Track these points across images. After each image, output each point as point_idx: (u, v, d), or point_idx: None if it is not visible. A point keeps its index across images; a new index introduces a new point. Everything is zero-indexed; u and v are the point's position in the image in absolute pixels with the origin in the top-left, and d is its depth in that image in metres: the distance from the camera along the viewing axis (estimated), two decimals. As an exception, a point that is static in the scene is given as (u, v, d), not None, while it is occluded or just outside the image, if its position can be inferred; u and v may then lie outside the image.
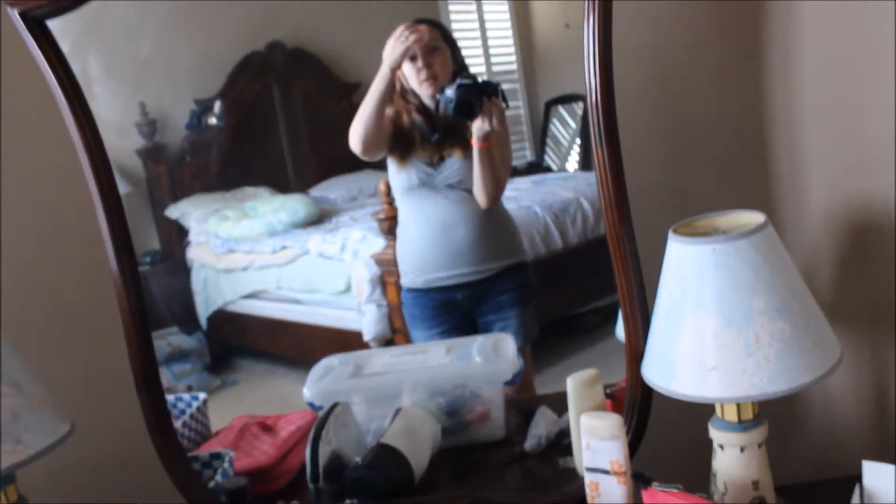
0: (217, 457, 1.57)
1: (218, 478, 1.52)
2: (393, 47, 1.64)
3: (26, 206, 1.69)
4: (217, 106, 2.00)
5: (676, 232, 1.26)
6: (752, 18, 1.53)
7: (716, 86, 1.59)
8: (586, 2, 1.33)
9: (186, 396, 1.74)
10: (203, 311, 2.07)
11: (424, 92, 1.69)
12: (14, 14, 1.33)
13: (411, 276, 1.80)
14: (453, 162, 1.71)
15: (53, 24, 1.40)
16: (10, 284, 1.68)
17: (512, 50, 2.06)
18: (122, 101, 1.83)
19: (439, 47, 1.68)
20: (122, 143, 1.67)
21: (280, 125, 2.04)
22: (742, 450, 1.26)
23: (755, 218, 1.26)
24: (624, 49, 1.36)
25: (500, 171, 1.71)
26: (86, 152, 1.43)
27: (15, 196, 1.68)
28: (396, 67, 1.66)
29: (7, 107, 1.64)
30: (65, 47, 1.41)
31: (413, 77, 1.69)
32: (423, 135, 1.72)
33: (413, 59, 1.66)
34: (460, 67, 1.73)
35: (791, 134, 1.54)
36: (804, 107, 1.52)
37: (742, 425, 1.26)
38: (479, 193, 1.71)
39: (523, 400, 1.70)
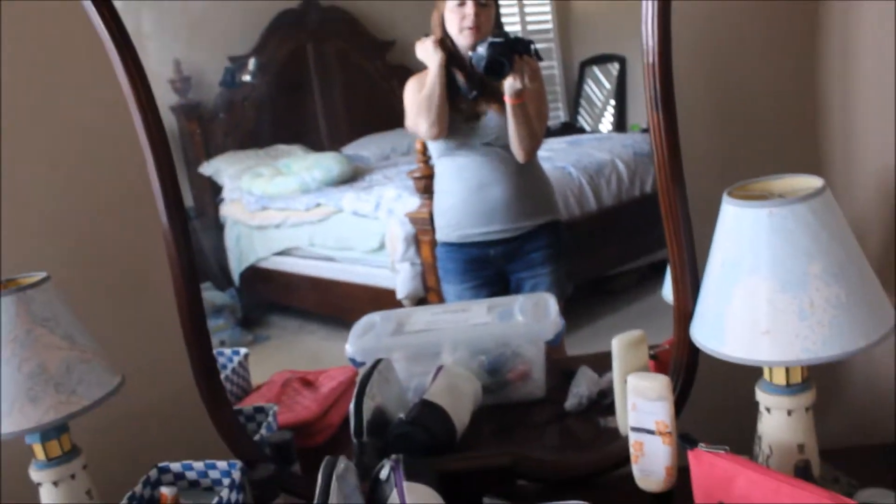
0: (261, 411, 1.59)
1: (263, 431, 1.53)
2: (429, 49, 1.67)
3: (76, 160, 1.69)
4: (251, 63, 1.99)
5: (731, 195, 1.25)
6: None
7: (770, 53, 1.56)
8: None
9: (227, 351, 1.75)
10: (236, 268, 2.08)
11: (463, 41, 1.67)
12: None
13: (447, 230, 1.81)
14: (490, 119, 1.71)
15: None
16: (62, 240, 1.69)
17: (548, 8, 2.04)
18: (155, 57, 1.83)
19: (488, 2, 1.67)
20: (156, 99, 1.66)
21: (314, 83, 2.04)
22: (789, 413, 1.26)
23: (811, 182, 1.25)
24: (678, 14, 1.34)
25: (535, 125, 1.71)
26: (137, 106, 1.43)
27: (64, 149, 1.68)
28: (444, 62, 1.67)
29: (60, 61, 1.65)
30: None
31: (455, 23, 1.66)
32: (462, 91, 1.71)
33: (462, 3, 1.65)
34: (498, 27, 1.72)
35: (844, 105, 1.52)
36: (859, 78, 1.49)
37: (790, 389, 1.26)
38: (516, 148, 1.70)
39: (563, 360, 1.70)
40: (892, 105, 1.48)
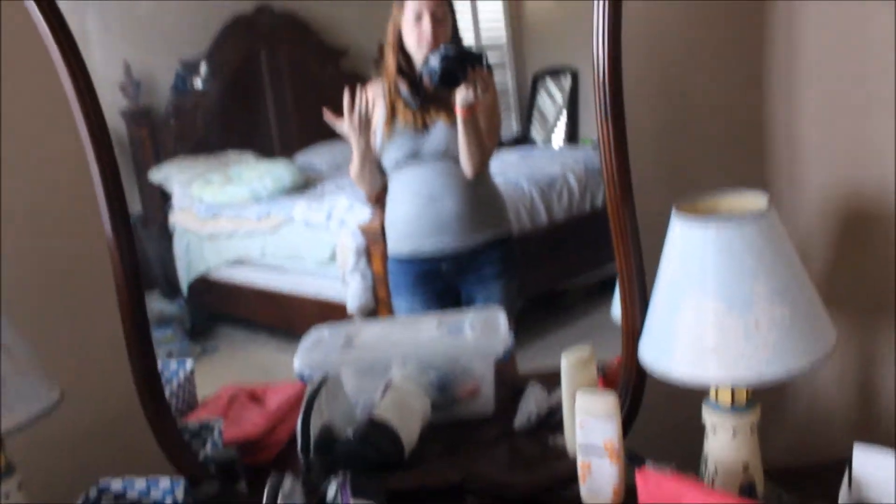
0: (206, 427, 1.56)
1: (208, 448, 1.51)
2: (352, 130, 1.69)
3: (19, 168, 1.65)
4: (203, 68, 1.98)
5: (680, 210, 1.26)
6: (759, 4, 1.53)
7: (717, 69, 1.58)
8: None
9: (173, 364, 1.72)
10: (185, 277, 2.05)
11: (420, 55, 1.68)
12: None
13: (398, 244, 1.80)
14: (439, 130, 1.71)
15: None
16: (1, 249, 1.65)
17: (502, 20, 2.05)
18: (105, 60, 1.80)
19: (445, 17, 1.67)
20: (105, 103, 1.64)
21: (266, 89, 2.03)
22: (734, 433, 1.27)
23: (757, 200, 1.26)
24: (626, 25, 1.35)
25: (484, 139, 1.71)
26: (81, 112, 1.40)
27: (6, 157, 1.64)
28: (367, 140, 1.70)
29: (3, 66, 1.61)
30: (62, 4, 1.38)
31: (413, 38, 1.68)
32: (406, 102, 1.71)
33: (419, 18, 1.65)
34: (454, 39, 1.72)
35: (790, 121, 1.55)
36: (804, 94, 1.52)
37: (735, 408, 1.27)
38: (464, 161, 1.71)
39: (512, 376, 1.70)
40: (835, 123, 1.50)
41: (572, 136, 2.17)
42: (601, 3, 1.31)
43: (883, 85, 1.43)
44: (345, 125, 1.67)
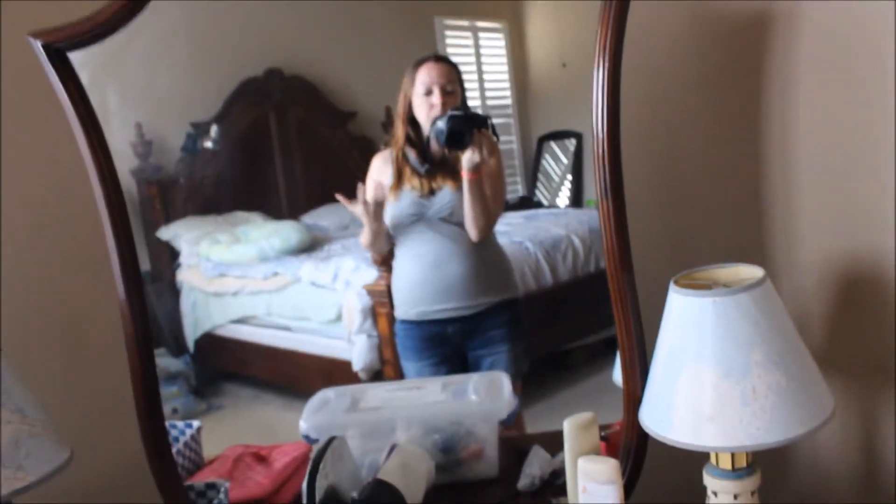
0: (212, 487, 1.57)
1: (214, 508, 1.52)
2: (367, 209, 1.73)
3: (33, 231, 1.69)
4: (213, 130, 2.01)
5: (677, 283, 1.29)
6: (753, 76, 1.57)
7: (714, 142, 1.62)
8: (597, 49, 1.36)
9: (180, 424, 1.73)
10: (191, 334, 2.07)
11: (430, 125, 1.72)
12: (37, 45, 1.35)
13: (405, 307, 1.82)
14: (445, 194, 1.74)
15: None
16: (13, 311, 1.68)
17: (507, 85, 2.09)
18: (119, 124, 1.84)
19: (455, 90, 1.72)
20: (116, 162, 1.68)
21: (275, 151, 2.05)
22: (735, 497, 1.29)
23: (754, 272, 1.30)
24: (626, 103, 1.39)
25: (489, 204, 1.74)
26: (99, 180, 1.44)
27: (21, 221, 1.68)
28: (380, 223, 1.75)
29: (21, 131, 1.65)
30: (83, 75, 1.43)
31: (424, 111, 1.72)
32: (413, 167, 1.75)
33: (429, 92, 1.69)
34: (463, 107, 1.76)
35: (786, 191, 1.58)
36: (800, 166, 1.56)
37: (736, 473, 1.28)
38: (470, 225, 1.73)
39: (516, 438, 1.71)
40: (830, 190, 1.53)
41: (577, 198, 2.19)
42: (600, 74, 1.36)
43: (877, 153, 1.46)
44: (358, 209, 1.71)
